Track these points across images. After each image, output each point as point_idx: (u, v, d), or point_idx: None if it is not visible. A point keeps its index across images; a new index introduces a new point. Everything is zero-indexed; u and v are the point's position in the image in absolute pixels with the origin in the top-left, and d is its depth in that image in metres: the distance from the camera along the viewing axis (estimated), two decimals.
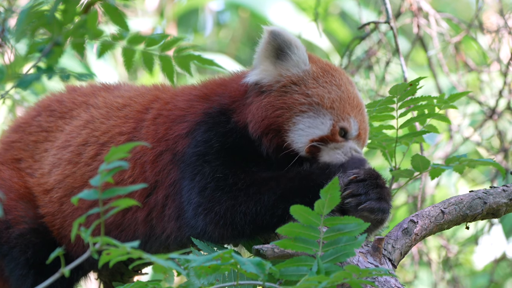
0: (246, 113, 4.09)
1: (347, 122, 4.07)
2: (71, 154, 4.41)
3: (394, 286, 3.62)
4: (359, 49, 6.82)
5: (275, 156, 4.06)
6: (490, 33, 6.84)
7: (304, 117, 4.05)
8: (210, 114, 4.15)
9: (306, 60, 4.13)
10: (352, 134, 4.08)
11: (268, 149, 4.06)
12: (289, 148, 4.03)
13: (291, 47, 4.10)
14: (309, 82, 4.10)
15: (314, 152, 4.03)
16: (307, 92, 4.07)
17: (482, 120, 6.96)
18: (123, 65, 3.66)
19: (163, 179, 4.14)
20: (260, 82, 4.11)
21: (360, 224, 3.41)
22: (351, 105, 4.10)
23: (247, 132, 4.08)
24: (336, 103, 4.07)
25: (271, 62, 4.11)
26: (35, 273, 4.35)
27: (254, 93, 4.12)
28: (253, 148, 4.07)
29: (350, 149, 4.05)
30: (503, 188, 4.14)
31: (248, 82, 4.13)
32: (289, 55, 4.10)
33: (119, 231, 4.22)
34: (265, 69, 4.11)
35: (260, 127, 4.05)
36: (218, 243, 4.00)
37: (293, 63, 4.10)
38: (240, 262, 3.24)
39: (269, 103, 4.06)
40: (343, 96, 4.10)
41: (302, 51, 4.12)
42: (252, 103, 4.09)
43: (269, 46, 4.11)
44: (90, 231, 3.13)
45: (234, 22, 10.81)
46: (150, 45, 3.63)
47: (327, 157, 4.04)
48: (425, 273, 8.06)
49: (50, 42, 3.41)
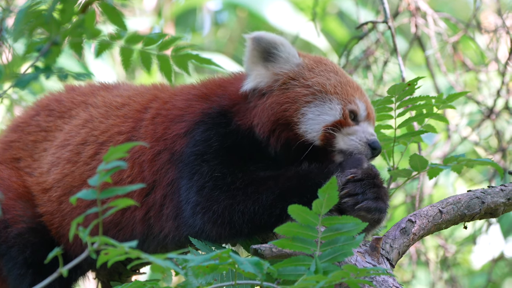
0: (251, 116, 4.10)
1: (354, 104, 4.09)
2: (70, 153, 4.41)
3: (392, 285, 3.62)
4: (357, 48, 6.82)
5: (285, 153, 4.06)
6: (488, 32, 6.84)
7: (311, 106, 4.06)
8: (209, 114, 4.15)
9: (295, 54, 4.16)
10: (362, 115, 4.10)
11: (276, 147, 4.06)
12: (302, 139, 4.04)
13: (276, 46, 4.12)
14: (306, 74, 4.12)
15: (329, 139, 4.04)
16: (307, 83, 4.09)
17: (480, 120, 6.96)
18: (121, 65, 3.66)
19: (161, 179, 4.14)
20: (258, 86, 4.12)
21: (358, 223, 3.42)
22: (352, 87, 4.13)
23: (252, 134, 4.09)
24: (338, 87, 4.10)
25: (262, 66, 4.13)
26: (33, 273, 4.35)
27: (256, 97, 4.13)
28: (256, 149, 4.08)
29: (364, 134, 4.06)
30: (501, 187, 4.14)
31: (245, 90, 4.14)
32: (277, 55, 4.12)
33: (117, 230, 4.22)
34: (258, 73, 4.13)
35: (268, 125, 4.06)
36: (216, 242, 4.00)
37: (283, 60, 4.13)
38: (238, 262, 3.24)
39: (274, 102, 4.08)
40: (342, 80, 4.13)
41: (288, 46, 4.15)
42: (256, 107, 4.11)
43: (255, 52, 4.14)
44: (88, 230, 3.13)
45: (232, 21, 10.81)
46: (148, 44, 3.63)
47: (342, 143, 4.05)
48: (423, 272, 8.06)
49: (48, 42, 3.41)
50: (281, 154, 4.07)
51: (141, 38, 3.61)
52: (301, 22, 8.77)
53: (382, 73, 6.79)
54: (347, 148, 4.04)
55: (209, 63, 3.68)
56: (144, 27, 9.38)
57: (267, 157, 4.08)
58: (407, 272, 7.53)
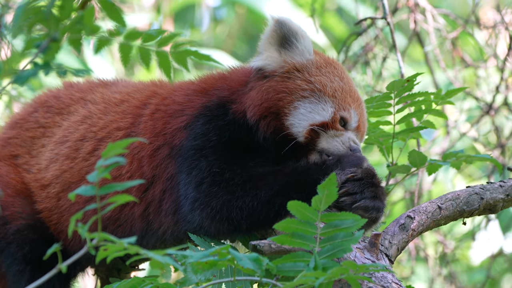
0: (245, 99, 4.11)
1: (348, 112, 4.09)
2: (69, 149, 4.41)
3: (391, 281, 3.63)
4: (356, 44, 6.82)
5: (272, 141, 4.06)
6: (487, 28, 6.85)
7: (305, 102, 4.06)
8: (208, 107, 4.15)
9: (311, 50, 4.16)
10: (352, 125, 4.10)
11: (265, 133, 4.06)
12: (287, 131, 4.04)
13: (297, 36, 4.13)
14: (312, 70, 4.12)
15: (313, 137, 4.04)
16: (309, 79, 4.10)
17: (479, 116, 6.97)
18: (120, 61, 3.66)
19: (161, 174, 4.14)
20: (264, 68, 4.13)
21: (357, 220, 3.42)
22: (352, 97, 4.13)
23: (245, 121, 4.08)
24: (338, 92, 4.09)
25: (276, 49, 4.14)
26: (32, 269, 4.36)
27: (256, 78, 4.13)
28: (250, 139, 4.07)
29: (349, 139, 4.06)
30: (500, 183, 4.14)
31: (252, 67, 4.15)
32: (294, 44, 4.13)
33: (116, 226, 4.22)
34: (270, 55, 4.14)
35: (259, 110, 4.06)
36: (214, 238, 4.00)
37: (298, 52, 4.13)
38: (237, 258, 3.24)
39: (271, 87, 4.08)
40: (345, 87, 4.12)
41: (307, 41, 4.16)
42: (252, 89, 4.12)
43: (274, 34, 4.14)
44: (88, 226, 3.13)
45: (230, 18, 10.80)
46: (147, 40, 3.63)
47: (325, 143, 4.05)
48: (422, 268, 8.07)
49: (47, 38, 3.41)
50: (270, 143, 4.07)
51: (140, 35, 3.61)
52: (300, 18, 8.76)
53: (381, 69, 6.80)
54: (328, 148, 4.05)
55: (208, 59, 3.68)
56: (143, 23, 9.38)
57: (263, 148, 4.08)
58: (406, 268, 7.54)
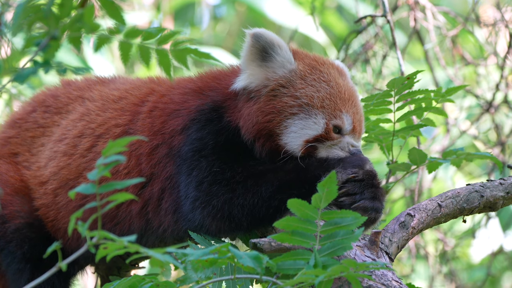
0: (238, 116, 4.08)
1: (340, 119, 4.05)
2: (67, 146, 4.41)
3: (391, 279, 3.63)
4: (356, 42, 6.82)
5: (270, 159, 4.05)
6: (487, 26, 6.84)
7: (295, 119, 4.03)
8: (203, 111, 4.13)
9: (291, 59, 4.10)
10: (347, 129, 4.08)
11: (261, 153, 4.05)
12: (283, 150, 4.02)
13: (274, 47, 4.07)
14: (297, 83, 4.07)
15: (310, 151, 4.03)
16: (295, 94, 4.04)
17: (479, 114, 6.97)
18: (120, 59, 3.65)
19: (159, 172, 4.14)
20: (248, 87, 4.09)
21: (357, 218, 3.42)
22: (342, 99, 4.09)
23: (240, 132, 4.07)
24: (327, 101, 4.05)
25: (257, 65, 4.09)
26: (31, 267, 4.36)
27: (244, 98, 4.10)
28: (246, 147, 4.06)
29: (347, 144, 4.05)
30: (500, 181, 4.14)
31: (236, 88, 4.11)
32: (273, 56, 4.08)
33: (114, 224, 4.21)
34: (252, 73, 4.08)
35: (252, 132, 4.04)
36: (215, 236, 4.01)
37: (278, 64, 4.08)
38: (237, 256, 3.24)
39: (259, 109, 4.04)
40: (333, 92, 4.08)
41: (285, 50, 4.09)
42: (242, 108, 4.08)
43: (253, 49, 4.09)
44: (87, 225, 3.12)
45: (230, 16, 10.79)
46: (146, 39, 3.62)
47: (324, 153, 4.03)
48: (422, 266, 8.07)
49: (47, 36, 3.40)
50: (267, 160, 4.05)
51: (140, 33, 3.60)
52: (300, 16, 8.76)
53: (381, 67, 6.79)
54: (327, 156, 4.03)
55: (208, 57, 3.67)
56: (143, 22, 9.37)
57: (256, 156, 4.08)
58: (406, 266, 7.54)
